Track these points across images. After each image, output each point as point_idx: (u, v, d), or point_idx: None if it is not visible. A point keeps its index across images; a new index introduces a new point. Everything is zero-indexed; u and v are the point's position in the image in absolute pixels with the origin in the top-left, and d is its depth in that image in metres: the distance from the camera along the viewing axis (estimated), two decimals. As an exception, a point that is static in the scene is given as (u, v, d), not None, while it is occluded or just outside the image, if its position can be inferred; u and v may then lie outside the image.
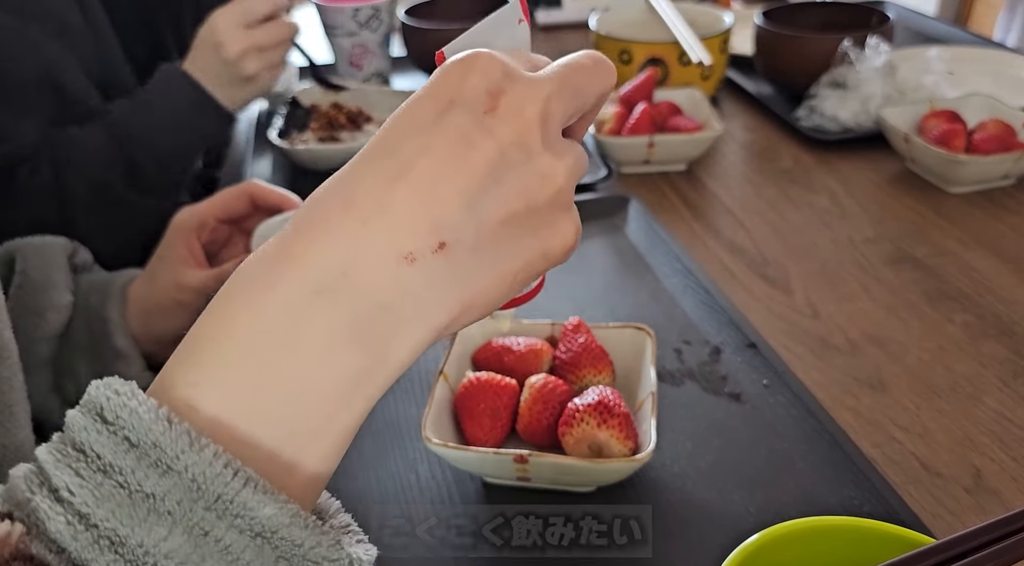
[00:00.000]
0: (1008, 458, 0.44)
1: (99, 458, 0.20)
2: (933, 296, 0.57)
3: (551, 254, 0.25)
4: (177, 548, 0.20)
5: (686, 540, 0.39)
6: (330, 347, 0.22)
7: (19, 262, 0.48)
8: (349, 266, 0.22)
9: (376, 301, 0.22)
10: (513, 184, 0.23)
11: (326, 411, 0.22)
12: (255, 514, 0.20)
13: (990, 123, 0.69)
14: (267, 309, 0.22)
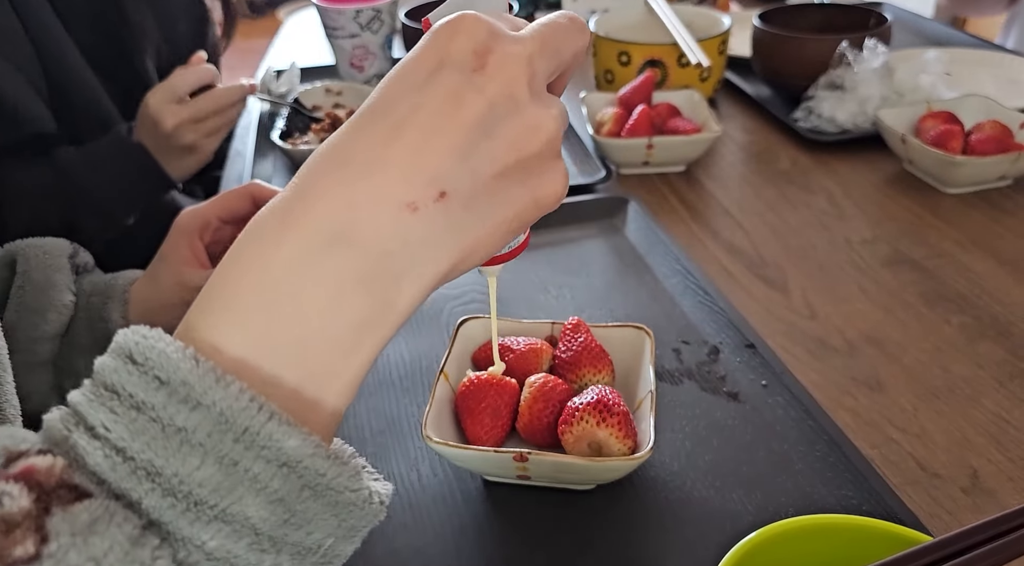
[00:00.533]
0: (1005, 459, 0.44)
1: (131, 396, 0.21)
2: (930, 297, 0.57)
3: (542, 202, 0.26)
4: (209, 477, 0.21)
5: (684, 538, 0.39)
6: (339, 294, 0.23)
7: (20, 263, 0.48)
8: (354, 216, 0.23)
9: (381, 248, 0.23)
10: (504, 136, 0.25)
11: (340, 353, 0.23)
12: (280, 445, 0.21)
13: (987, 124, 0.70)
14: (276, 263, 0.23)
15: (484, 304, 0.58)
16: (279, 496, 0.22)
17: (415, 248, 0.24)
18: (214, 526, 0.21)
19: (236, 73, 0.81)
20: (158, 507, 0.21)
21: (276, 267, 0.23)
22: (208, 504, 0.21)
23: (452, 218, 0.24)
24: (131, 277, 0.50)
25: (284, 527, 0.22)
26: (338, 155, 0.24)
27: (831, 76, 0.80)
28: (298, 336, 0.23)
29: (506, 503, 0.42)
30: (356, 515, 0.24)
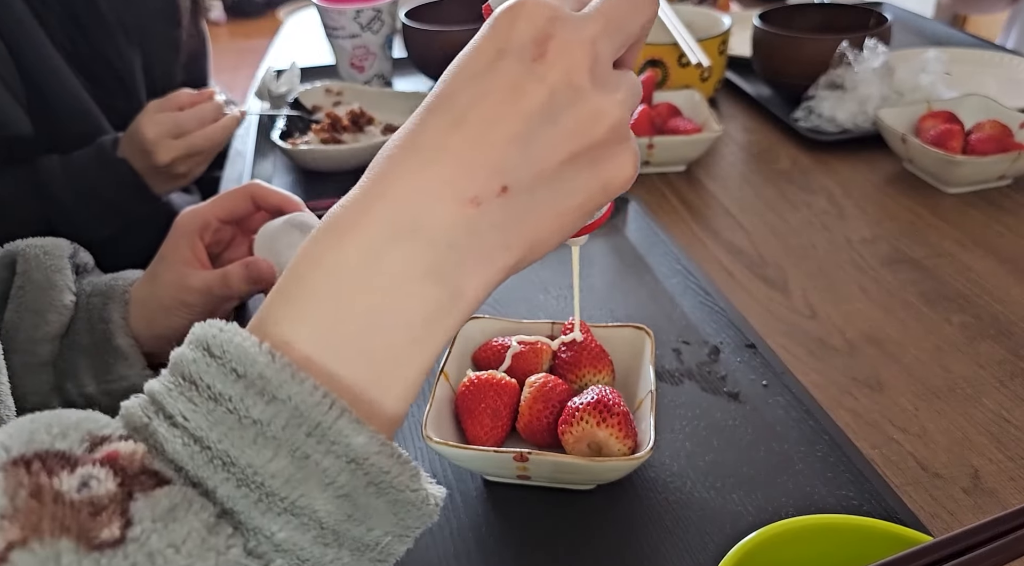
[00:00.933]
0: (1005, 458, 0.44)
1: (209, 388, 0.22)
2: (930, 297, 0.57)
3: (611, 186, 0.26)
4: (282, 469, 0.21)
5: (684, 538, 0.39)
6: (407, 286, 0.23)
7: (20, 264, 0.48)
8: (420, 211, 0.23)
9: (446, 242, 0.24)
10: (567, 125, 0.24)
11: (407, 346, 0.24)
12: (349, 441, 0.22)
13: (987, 124, 0.70)
14: (349, 251, 0.23)
15: (484, 304, 0.58)
16: (345, 491, 0.22)
17: (481, 241, 0.24)
18: (284, 518, 0.22)
19: (238, 73, 0.81)
20: (232, 496, 0.21)
21: (345, 261, 0.23)
22: (279, 496, 0.21)
23: (516, 211, 0.24)
24: (131, 278, 0.50)
25: (347, 522, 0.22)
26: (404, 148, 0.24)
27: (831, 76, 0.80)
28: (366, 331, 0.23)
29: (506, 503, 0.42)
30: (414, 515, 0.24)
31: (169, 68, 0.78)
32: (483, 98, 0.24)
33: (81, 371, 0.47)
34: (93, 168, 0.66)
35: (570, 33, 0.24)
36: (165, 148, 0.65)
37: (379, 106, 0.85)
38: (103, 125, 0.70)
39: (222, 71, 0.78)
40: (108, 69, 0.71)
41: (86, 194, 0.66)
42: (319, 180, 0.76)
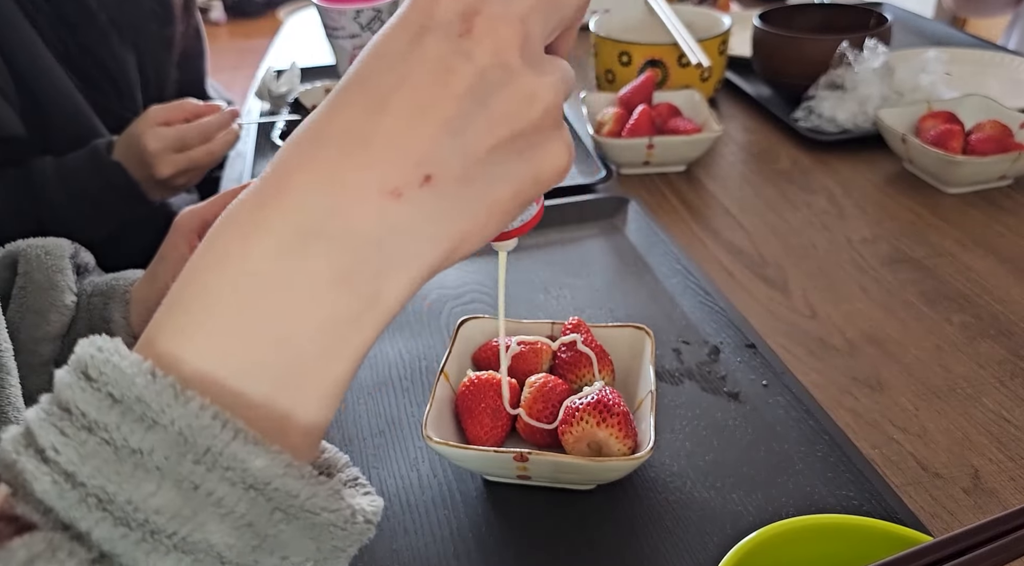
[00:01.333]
0: (1006, 458, 0.44)
1: (84, 415, 0.19)
2: (931, 296, 0.57)
3: (542, 177, 0.24)
4: (167, 503, 0.19)
5: (684, 539, 0.39)
6: (317, 290, 0.21)
7: (22, 264, 0.48)
8: (332, 206, 0.21)
9: (363, 240, 0.21)
10: (496, 108, 0.22)
11: (317, 357, 0.21)
12: (246, 466, 0.20)
13: (987, 124, 0.70)
14: (251, 254, 0.21)
15: (485, 304, 0.58)
16: (247, 521, 0.20)
17: (400, 238, 0.21)
18: (173, 557, 0.19)
19: (238, 73, 0.81)
20: (109, 538, 0.19)
21: (243, 267, 0.21)
22: (166, 533, 0.19)
23: (441, 203, 0.22)
24: (132, 277, 0.50)
25: (254, 553, 0.20)
26: (315, 136, 0.22)
27: (831, 76, 0.80)
28: (267, 343, 0.21)
29: (506, 503, 0.42)
30: (338, 536, 0.22)
31: (163, 67, 0.78)
32: (406, 79, 0.21)
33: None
34: (86, 171, 0.66)
35: (499, 8, 0.22)
36: (166, 162, 0.65)
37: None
38: (97, 126, 0.70)
39: (222, 71, 0.78)
40: (101, 69, 0.71)
41: (78, 196, 0.65)
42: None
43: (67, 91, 0.67)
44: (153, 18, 0.75)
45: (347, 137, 0.21)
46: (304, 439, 0.22)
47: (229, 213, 0.22)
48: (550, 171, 0.24)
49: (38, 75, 0.65)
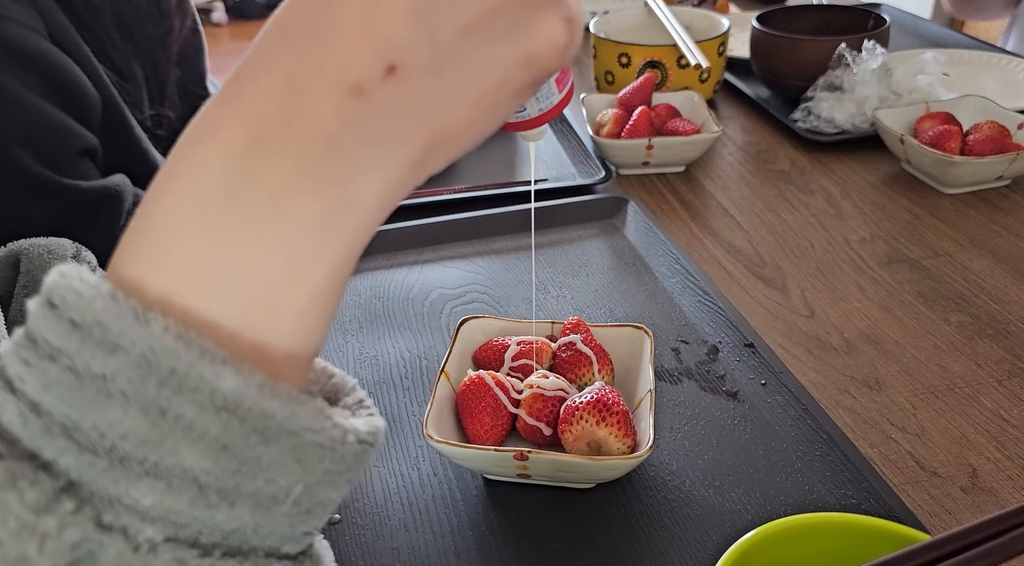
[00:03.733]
0: (1004, 457, 0.44)
1: (48, 343, 0.19)
2: (929, 296, 0.57)
3: (536, 59, 0.21)
4: (134, 428, 0.18)
5: (683, 537, 0.39)
6: (280, 198, 0.19)
7: (24, 263, 0.48)
8: (288, 105, 0.19)
9: (324, 141, 0.19)
10: (470, 15, 0.20)
11: (287, 272, 0.20)
12: (215, 386, 0.18)
13: (985, 125, 0.70)
14: (208, 165, 0.19)
15: (484, 304, 0.58)
16: (221, 444, 0.19)
17: (365, 138, 0.19)
18: (145, 482, 0.19)
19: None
20: (76, 466, 0.18)
21: (201, 180, 0.19)
22: (136, 459, 0.18)
23: (409, 96, 0.19)
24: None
25: (235, 477, 0.19)
26: (272, 32, 0.20)
27: (830, 77, 0.80)
28: (231, 259, 0.19)
29: (506, 502, 0.42)
30: (327, 458, 0.20)
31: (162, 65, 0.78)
32: None
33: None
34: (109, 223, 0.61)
35: None
36: None
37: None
38: (129, 120, 0.68)
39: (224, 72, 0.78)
40: (112, 66, 0.71)
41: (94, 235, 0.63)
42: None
43: (104, 83, 0.66)
44: (149, 17, 0.75)
45: (301, 28, 0.19)
46: (287, 363, 0.20)
47: (188, 128, 0.20)
48: (544, 52, 0.21)
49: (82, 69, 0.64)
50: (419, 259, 0.64)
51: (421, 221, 0.66)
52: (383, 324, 0.57)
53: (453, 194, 0.72)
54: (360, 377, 0.52)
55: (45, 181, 0.57)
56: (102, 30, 0.66)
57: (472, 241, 0.66)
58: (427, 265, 0.63)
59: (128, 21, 0.69)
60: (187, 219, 0.19)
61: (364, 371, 0.52)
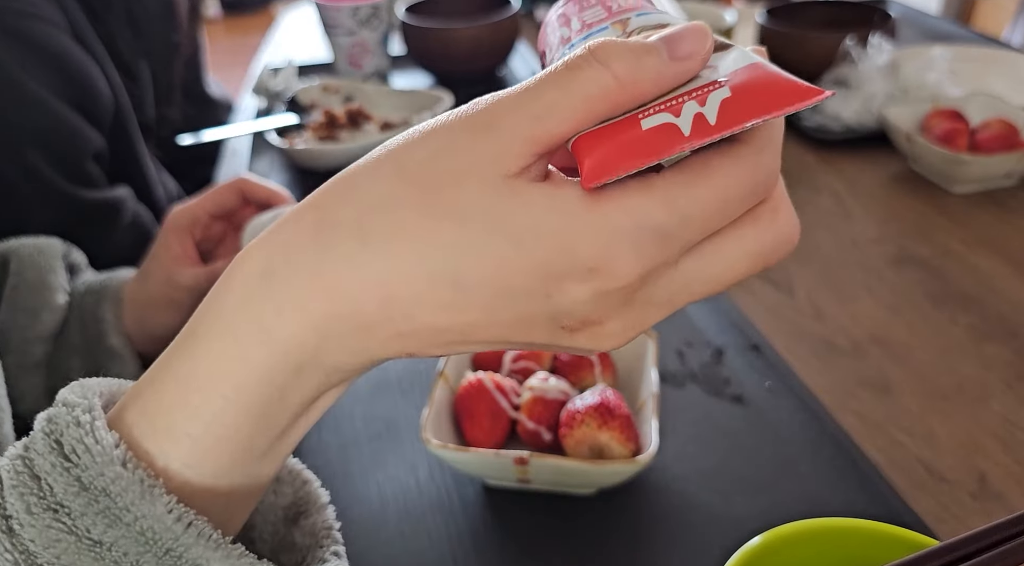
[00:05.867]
0: (1013, 462, 0.43)
1: (52, 492, 0.20)
2: (937, 297, 0.56)
3: (575, 351, 0.22)
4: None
5: (687, 543, 0.39)
6: (288, 398, 0.22)
7: (14, 263, 0.47)
8: (321, 350, 0.21)
9: (349, 371, 0.22)
10: (542, 341, 0.21)
11: (275, 443, 0.23)
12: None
13: (993, 122, 0.69)
14: (236, 379, 0.21)
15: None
16: None
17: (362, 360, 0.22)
18: None
19: (235, 71, 0.80)
20: None
21: (227, 385, 0.21)
22: None
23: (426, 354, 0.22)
24: (124, 276, 0.50)
25: None
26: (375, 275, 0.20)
27: (836, 73, 0.79)
28: (235, 449, 0.21)
29: (506, 508, 0.41)
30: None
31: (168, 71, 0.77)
32: (483, 312, 0.20)
33: (74, 372, 0.47)
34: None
35: (622, 328, 0.20)
36: None
37: (376, 103, 0.84)
38: (133, 123, 0.67)
39: (218, 67, 0.77)
40: (123, 67, 0.70)
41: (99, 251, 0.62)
42: (316, 179, 0.76)
43: (116, 83, 0.65)
44: (159, 17, 0.74)
45: (400, 313, 0.20)
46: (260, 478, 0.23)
47: (229, 319, 0.21)
48: (581, 351, 0.22)
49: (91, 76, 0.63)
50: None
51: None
52: (382, 324, 0.56)
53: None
54: (357, 381, 0.51)
55: (53, 186, 0.57)
56: (114, 26, 0.65)
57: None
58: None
59: (139, 20, 0.68)
60: (206, 418, 0.21)
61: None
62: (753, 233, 0.20)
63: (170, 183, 0.76)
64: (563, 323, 0.20)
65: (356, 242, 0.20)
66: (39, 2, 0.56)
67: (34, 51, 0.55)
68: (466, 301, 0.20)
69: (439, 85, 0.93)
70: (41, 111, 0.55)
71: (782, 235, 0.21)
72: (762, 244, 0.20)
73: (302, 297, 0.20)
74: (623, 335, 0.21)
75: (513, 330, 0.20)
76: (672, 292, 0.20)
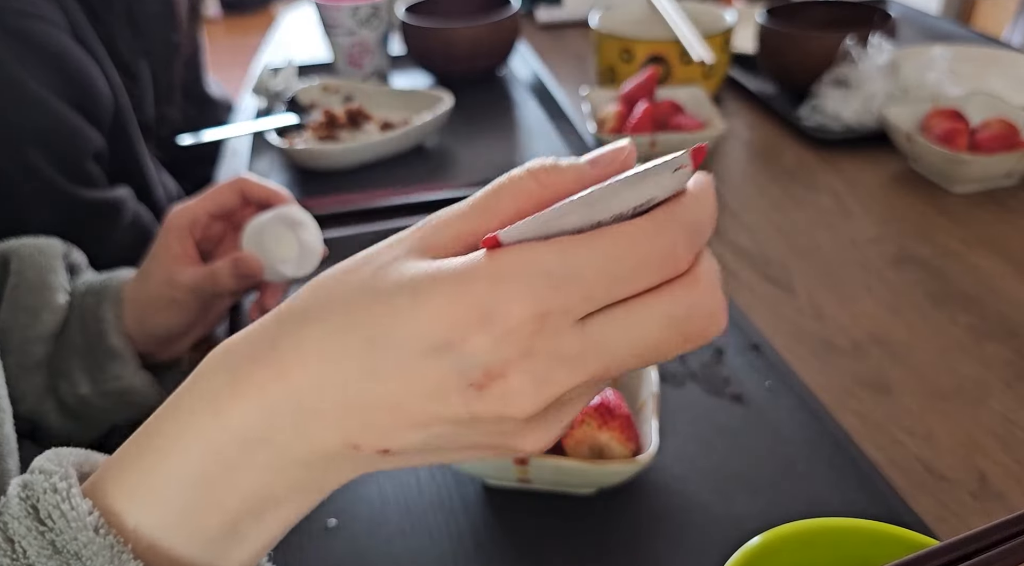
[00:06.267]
0: (1012, 461, 0.43)
1: (25, 555, 0.21)
2: (937, 297, 0.56)
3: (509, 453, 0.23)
4: None
5: (688, 543, 0.39)
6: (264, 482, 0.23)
7: (14, 262, 0.47)
8: (295, 429, 0.22)
9: (320, 465, 0.23)
10: (473, 440, 0.22)
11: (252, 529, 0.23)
12: None
13: (993, 122, 0.69)
14: (214, 443, 0.22)
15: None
16: None
17: (352, 466, 0.23)
18: None
19: (235, 71, 0.80)
20: None
21: (204, 448, 0.22)
22: None
23: (394, 461, 0.23)
24: (125, 276, 0.50)
25: None
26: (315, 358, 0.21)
27: (836, 73, 0.79)
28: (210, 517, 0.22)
29: (506, 508, 0.41)
30: None
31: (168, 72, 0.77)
32: (403, 374, 0.21)
33: (75, 371, 0.47)
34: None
35: (528, 382, 0.20)
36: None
37: (376, 103, 0.84)
38: (133, 124, 0.67)
39: (218, 67, 0.77)
40: (122, 67, 0.70)
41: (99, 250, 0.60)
42: (316, 178, 0.76)
43: (116, 83, 0.65)
44: (159, 17, 0.74)
45: (333, 388, 0.21)
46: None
47: (205, 386, 0.23)
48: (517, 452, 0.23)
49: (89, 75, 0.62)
50: (419, 258, 0.63)
51: (420, 221, 0.66)
52: (382, 324, 0.56)
53: (452, 192, 0.71)
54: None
55: (54, 185, 0.57)
56: (114, 26, 0.65)
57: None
58: (427, 264, 0.63)
59: (139, 20, 0.68)
60: (182, 481, 0.22)
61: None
62: (665, 300, 0.21)
63: (170, 183, 0.76)
64: (471, 379, 0.20)
65: (301, 326, 0.22)
66: (39, 2, 0.56)
67: (34, 50, 0.55)
68: (384, 365, 0.21)
69: (439, 85, 0.93)
70: (41, 110, 0.55)
71: (700, 307, 0.21)
72: (674, 312, 0.21)
73: (254, 376, 0.22)
74: (534, 395, 0.20)
75: (432, 399, 0.21)
76: (581, 350, 0.20)
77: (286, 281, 0.52)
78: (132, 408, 0.49)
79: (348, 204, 0.70)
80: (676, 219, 0.21)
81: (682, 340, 0.21)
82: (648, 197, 0.21)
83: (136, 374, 0.47)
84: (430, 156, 0.79)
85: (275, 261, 0.49)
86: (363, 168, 0.75)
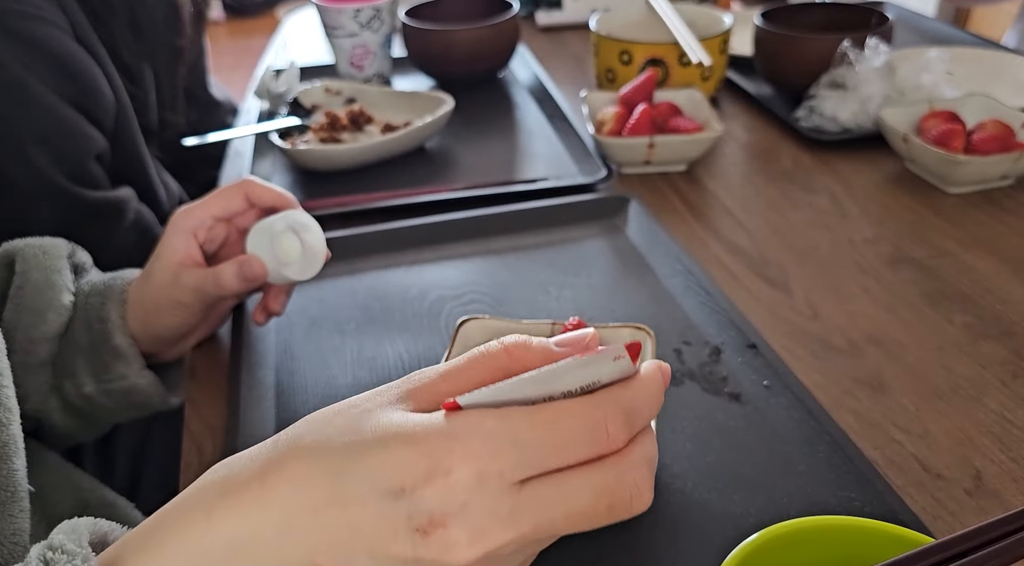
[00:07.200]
0: (1008, 459, 0.44)
1: None
2: (933, 297, 0.57)
3: None
4: None
5: (685, 541, 0.39)
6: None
7: (19, 263, 0.48)
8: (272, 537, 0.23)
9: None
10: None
11: None
12: None
13: (989, 123, 0.69)
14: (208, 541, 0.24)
15: (484, 304, 0.58)
16: None
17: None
18: None
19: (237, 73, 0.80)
20: None
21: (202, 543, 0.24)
22: None
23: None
24: (129, 277, 0.50)
25: None
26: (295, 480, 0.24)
27: (833, 75, 0.80)
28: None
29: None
30: None
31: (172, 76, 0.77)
32: (355, 508, 0.23)
33: (79, 371, 0.47)
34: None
35: (469, 533, 0.22)
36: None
37: (378, 105, 0.84)
38: (135, 125, 0.67)
39: (221, 70, 0.78)
40: (124, 70, 0.70)
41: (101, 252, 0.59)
42: (318, 179, 0.76)
43: (118, 86, 0.65)
44: (163, 21, 0.74)
45: (305, 510, 0.23)
46: None
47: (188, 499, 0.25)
48: None
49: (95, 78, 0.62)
50: (418, 259, 0.64)
51: (420, 220, 0.66)
52: (381, 325, 0.56)
53: (452, 193, 0.71)
54: (358, 379, 0.51)
55: (56, 185, 0.57)
56: (116, 29, 0.66)
57: (471, 241, 0.65)
58: (426, 265, 0.63)
59: (142, 24, 0.68)
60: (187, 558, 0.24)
61: (362, 373, 0.52)
62: (595, 472, 0.23)
63: (172, 185, 0.76)
64: (417, 523, 0.22)
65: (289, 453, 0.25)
66: (41, 4, 0.57)
67: (37, 52, 0.55)
68: (350, 496, 0.23)
69: (440, 87, 0.93)
70: (44, 111, 0.56)
71: (625, 480, 0.24)
72: (600, 485, 0.23)
73: (251, 485, 0.24)
74: (468, 546, 0.22)
75: (385, 534, 0.23)
76: (513, 509, 0.23)
77: (290, 284, 0.52)
78: (136, 407, 0.49)
79: (349, 205, 0.70)
80: (613, 400, 0.24)
81: (607, 511, 0.24)
82: (593, 379, 0.24)
83: (140, 374, 0.48)
84: (431, 157, 0.80)
85: (279, 264, 0.49)
86: (365, 169, 0.76)
